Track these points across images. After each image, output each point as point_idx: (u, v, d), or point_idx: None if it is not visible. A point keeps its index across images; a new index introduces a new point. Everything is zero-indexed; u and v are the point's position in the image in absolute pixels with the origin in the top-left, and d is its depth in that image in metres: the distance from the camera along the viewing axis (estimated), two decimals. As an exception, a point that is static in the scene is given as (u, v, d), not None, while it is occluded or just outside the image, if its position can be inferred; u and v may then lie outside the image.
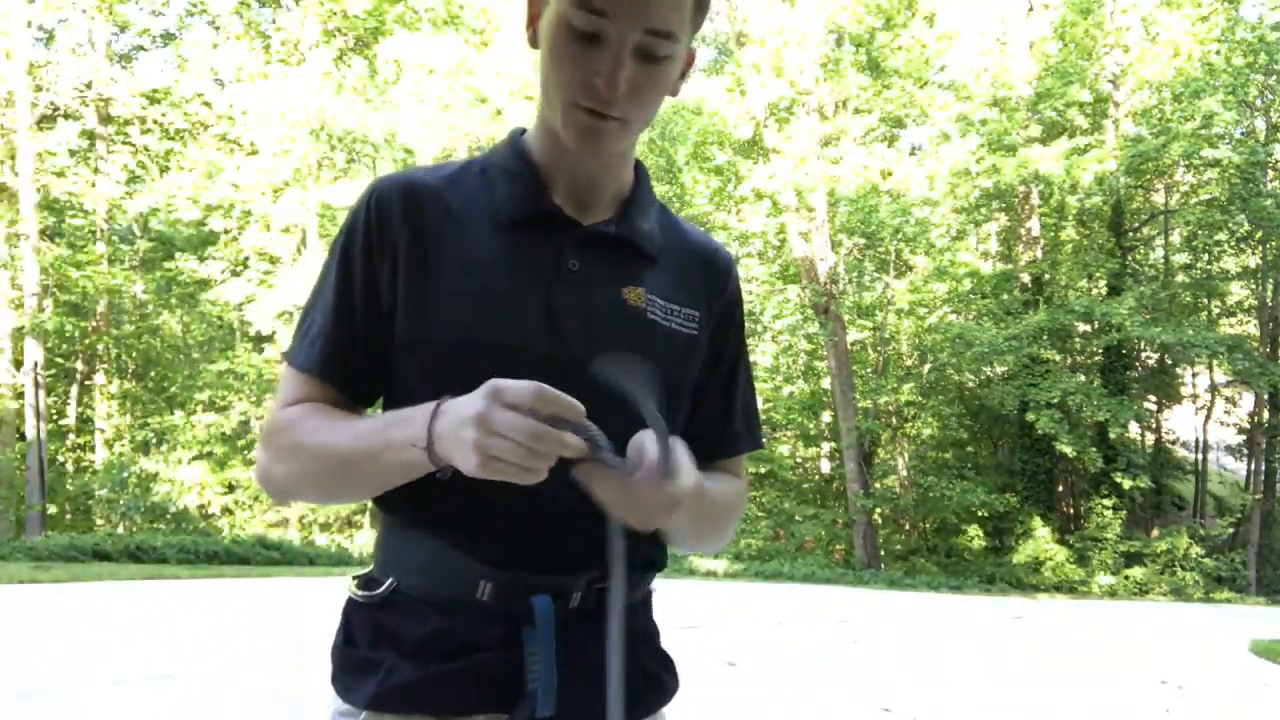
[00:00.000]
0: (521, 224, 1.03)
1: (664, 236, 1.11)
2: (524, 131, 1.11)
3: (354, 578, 1.07)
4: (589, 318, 1.02)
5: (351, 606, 1.05)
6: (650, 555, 1.08)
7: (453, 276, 1.00)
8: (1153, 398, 21.99)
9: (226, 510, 19.06)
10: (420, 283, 1.00)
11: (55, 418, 21.05)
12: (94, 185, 18.97)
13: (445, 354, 0.98)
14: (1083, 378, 19.20)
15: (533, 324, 0.99)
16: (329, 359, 1.02)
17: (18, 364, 17.94)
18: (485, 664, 0.98)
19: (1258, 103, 19.33)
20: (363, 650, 1.02)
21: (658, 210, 1.14)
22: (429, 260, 1.01)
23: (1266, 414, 20.23)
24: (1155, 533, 19.34)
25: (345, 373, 1.02)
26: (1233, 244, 20.89)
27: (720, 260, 1.16)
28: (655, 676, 1.09)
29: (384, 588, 1.02)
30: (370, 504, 1.03)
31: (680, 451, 0.89)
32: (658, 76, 0.97)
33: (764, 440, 1.32)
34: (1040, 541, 18.25)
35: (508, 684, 0.97)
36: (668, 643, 1.13)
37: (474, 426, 0.81)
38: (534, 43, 1.01)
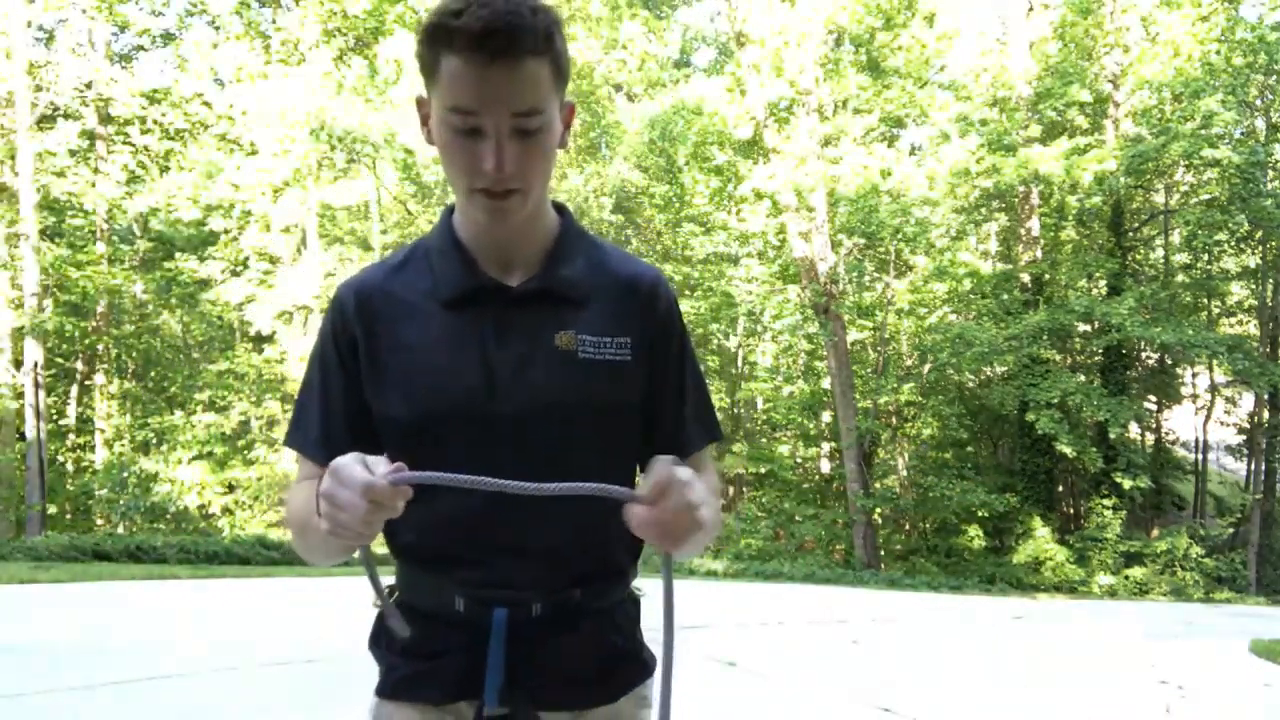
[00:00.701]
0: (458, 300, 1.18)
1: (593, 275, 1.23)
2: (453, 209, 1.26)
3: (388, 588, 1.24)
4: (522, 370, 1.16)
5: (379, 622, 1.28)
6: (621, 565, 1.27)
7: (402, 358, 1.18)
8: (1153, 398, 22.00)
9: (226, 510, 19.05)
10: (377, 369, 1.19)
11: (55, 418, 21.05)
12: (94, 185, 18.96)
13: (402, 426, 1.17)
14: (1083, 378, 19.20)
15: (470, 388, 1.15)
16: (319, 440, 1.21)
17: (18, 364, 17.92)
18: (458, 663, 1.19)
19: (1258, 103, 19.33)
20: (380, 649, 1.26)
21: (586, 250, 1.25)
22: (381, 347, 1.19)
23: (1266, 414, 20.23)
24: (1155, 533, 19.34)
25: (334, 451, 1.07)
26: (1233, 244, 20.90)
27: (645, 286, 1.26)
28: (623, 656, 1.28)
29: (393, 599, 1.23)
30: None
31: (682, 471, 1.01)
32: (539, 144, 1.09)
33: (722, 432, 1.39)
34: (1040, 541, 18.26)
35: (475, 679, 1.17)
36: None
37: (323, 500, 0.96)
38: (429, 140, 1.14)
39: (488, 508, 1.11)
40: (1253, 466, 21.16)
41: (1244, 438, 22.05)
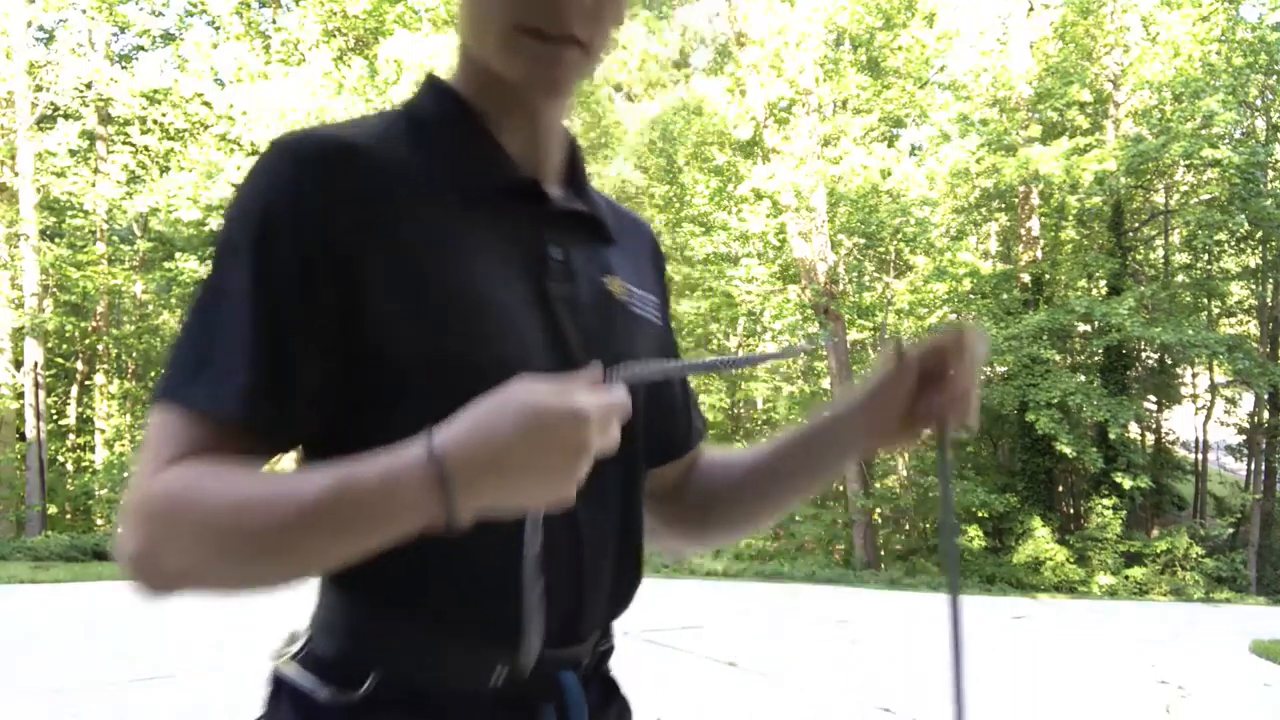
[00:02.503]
0: (495, 198, 0.82)
1: (609, 209, 0.98)
2: (441, 81, 0.88)
3: (299, 662, 0.80)
4: (581, 318, 0.84)
5: (306, 709, 0.77)
6: (630, 592, 0.92)
7: (444, 270, 0.76)
8: (1153, 398, 21.98)
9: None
10: (405, 279, 0.74)
11: (55, 418, 21.05)
12: (94, 185, 18.96)
13: (449, 374, 0.74)
14: (1083, 378, 19.19)
15: (532, 330, 0.80)
16: (255, 395, 0.70)
17: (18, 364, 17.92)
18: None
19: (1258, 103, 19.32)
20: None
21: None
22: (405, 245, 0.75)
23: (1266, 414, 20.22)
24: (1155, 533, 19.33)
25: (278, 414, 0.72)
26: (1233, 244, 20.89)
27: (652, 233, 1.05)
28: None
29: (367, 684, 0.75)
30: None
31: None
32: None
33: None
34: (1040, 541, 18.25)
35: None
36: (667, 642, 1.15)
37: (586, 434, 0.63)
38: None
39: (560, 515, 0.74)
40: (1253, 466, 21.15)
41: (1244, 438, 22.04)
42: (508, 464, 0.63)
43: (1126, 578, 17.53)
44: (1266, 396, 19.66)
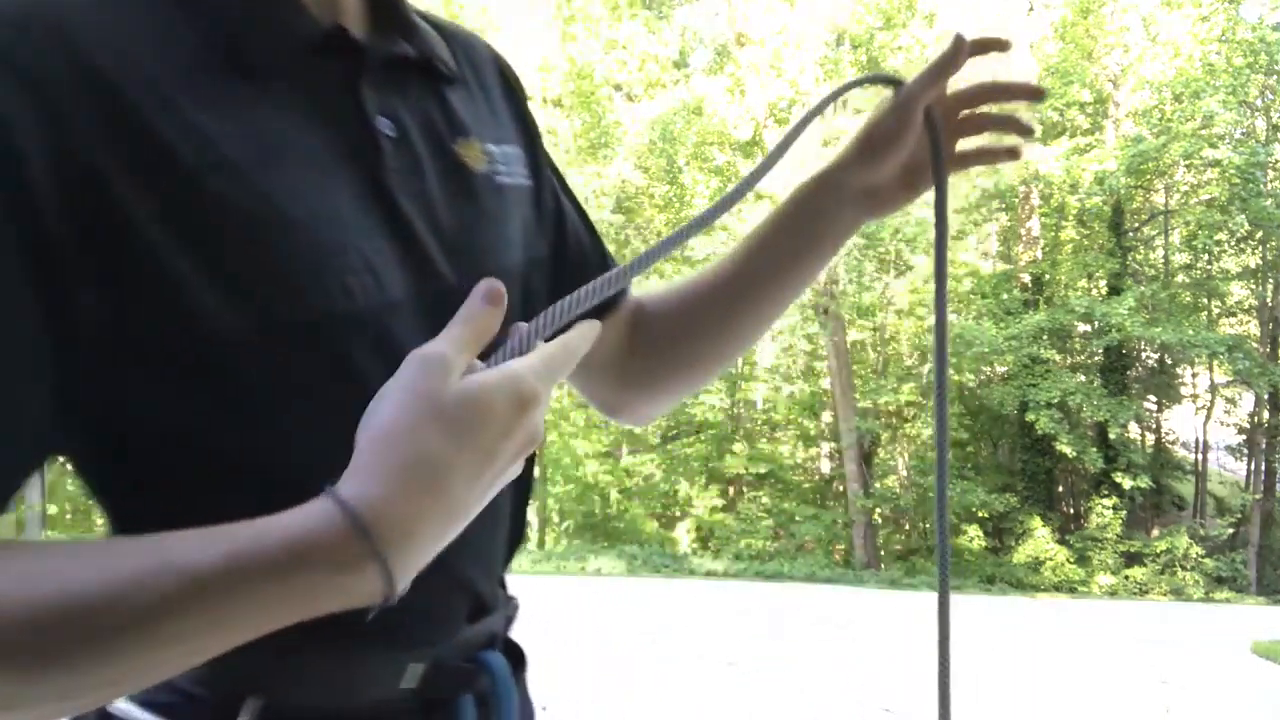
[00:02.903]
0: (286, 63, 0.58)
1: (435, 33, 0.71)
2: None
3: (139, 702, 0.58)
4: (437, 213, 0.63)
5: None
6: (519, 543, 0.74)
7: (238, 182, 0.52)
8: (1153, 398, 21.98)
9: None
10: (181, 204, 0.51)
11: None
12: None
13: (271, 342, 0.53)
14: (1083, 378, 19.20)
15: (376, 248, 0.58)
16: None
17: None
18: None
19: (1258, 103, 19.32)
20: None
21: None
22: (165, 154, 0.50)
23: (1266, 414, 20.22)
24: (1155, 533, 19.33)
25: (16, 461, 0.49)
26: (1233, 244, 20.89)
27: (494, 53, 0.78)
28: None
29: (246, 716, 0.57)
30: None
31: None
32: None
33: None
34: (1040, 541, 18.25)
35: None
36: (667, 641, 1.13)
37: (539, 419, 0.51)
38: None
39: None
40: (1253, 466, 21.14)
41: (1244, 438, 22.04)
42: (450, 491, 0.47)
43: (1126, 578, 17.53)
44: (1266, 396, 19.66)
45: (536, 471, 0.76)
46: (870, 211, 0.83)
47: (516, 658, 0.73)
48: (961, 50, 0.77)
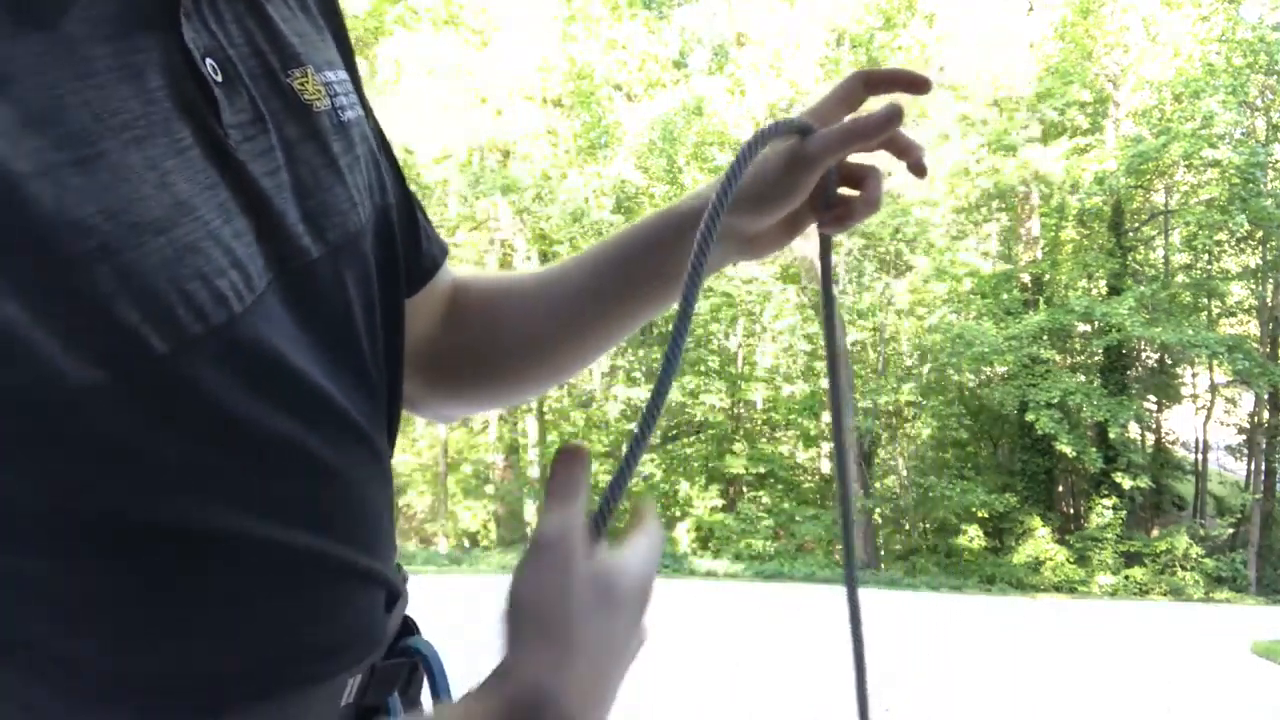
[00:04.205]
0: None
1: None
2: None
3: None
4: (285, 169, 0.52)
5: None
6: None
7: (42, 190, 0.39)
8: (1153, 398, 21.99)
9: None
10: None
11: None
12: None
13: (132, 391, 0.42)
14: (1083, 378, 19.21)
15: (222, 225, 0.46)
16: None
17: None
18: None
19: (1258, 103, 19.32)
20: None
21: None
22: None
23: (1266, 414, 20.22)
24: (1155, 533, 19.34)
25: None
26: (1233, 244, 20.90)
27: None
28: None
29: None
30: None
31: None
32: None
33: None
34: (1040, 541, 18.26)
35: None
36: (667, 642, 1.13)
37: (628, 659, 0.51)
38: None
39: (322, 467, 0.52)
40: (1253, 466, 21.15)
41: (1244, 438, 22.04)
42: (615, 667, 0.49)
43: (1126, 578, 17.54)
44: (1266, 396, 19.67)
45: (537, 471, 0.70)
46: (745, 254, 0.76)
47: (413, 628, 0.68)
48: (893, 120, 0.69)
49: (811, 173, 0.70)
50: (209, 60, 0.48)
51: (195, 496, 0.44)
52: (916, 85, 0.73)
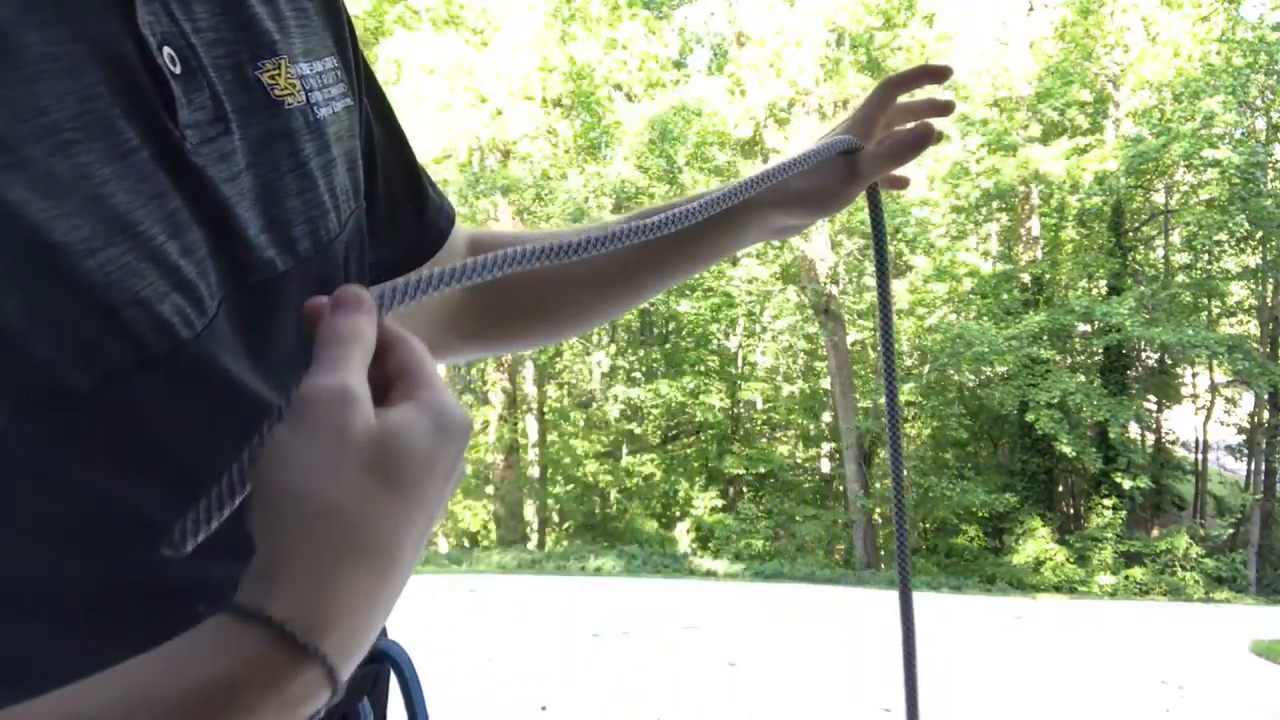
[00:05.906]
0: None
1: None
2: None
3: None
4: (248, 172, 0.48)
5: None
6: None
7: None
8: (1153, 398, 21.99)
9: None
10: None
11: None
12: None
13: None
14: (1083, 378, 19.21)
15: (184, 241, 0.43)
16: None
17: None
18: None
19: (1258, 103, 19.33)
20: None
21: None
22: None
23: (1266, 414, 20.23)
24: (1155, 533, 19.34)
25: None
26: (1233, 244, 20.90)
27: None
28: None
29: None
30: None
31: None
32: None
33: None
34: (1040, 541, 18.26)
35: None
36: (667, 642, 1.13)
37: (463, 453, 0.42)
38: None
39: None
40: (1253, 466, 21.15)
41: (1244, 438, 22.04)
42: (385, 548, 0.37)
43: (1126, 578, 17.54)
44: (1266, 396, 19.67)
45: (537, 471, 0.70)
46: (771, 237, 0.89)
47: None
48: (926, 139, 0.84)
49: (862, 186, 0.85)
50: (166, 49, 0.43)
51: (144, 546, 0.39)
52: (938, 76, 0.89)
